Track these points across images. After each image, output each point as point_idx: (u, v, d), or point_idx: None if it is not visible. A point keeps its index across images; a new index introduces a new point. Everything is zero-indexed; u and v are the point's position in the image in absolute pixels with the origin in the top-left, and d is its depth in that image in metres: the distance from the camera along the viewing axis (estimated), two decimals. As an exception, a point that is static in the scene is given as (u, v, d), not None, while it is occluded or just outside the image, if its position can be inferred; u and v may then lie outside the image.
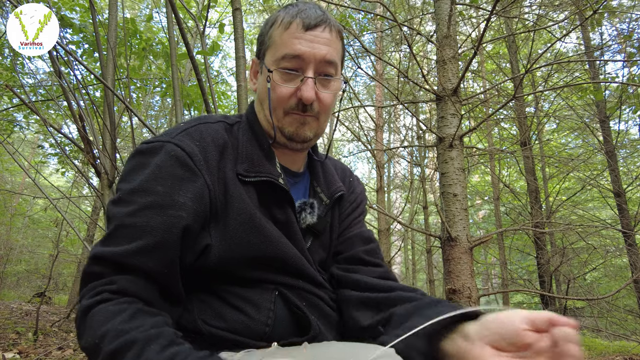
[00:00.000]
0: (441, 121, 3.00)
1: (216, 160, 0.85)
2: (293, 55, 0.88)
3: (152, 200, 0.76)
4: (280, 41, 0.90)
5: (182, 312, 0.82)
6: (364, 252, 1.03)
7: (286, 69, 0.90)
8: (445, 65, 3.07)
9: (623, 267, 7.32)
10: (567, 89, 5.57)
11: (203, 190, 0.80)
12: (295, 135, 0.93)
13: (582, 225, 4.83)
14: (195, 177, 0.80)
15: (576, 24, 4.66)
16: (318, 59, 0.89)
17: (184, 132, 0.86)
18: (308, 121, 0.93)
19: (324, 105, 0.93)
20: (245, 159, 0.89)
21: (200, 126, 0.89)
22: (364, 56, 4.96)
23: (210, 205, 0.82)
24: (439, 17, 3.22)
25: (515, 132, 7.32)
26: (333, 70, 0.93)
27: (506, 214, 7.55)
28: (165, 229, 0.74)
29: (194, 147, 0.83)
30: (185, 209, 0.77)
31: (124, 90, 3.58)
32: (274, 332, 0.83)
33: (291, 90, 0.90)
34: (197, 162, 0.81)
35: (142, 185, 0.77)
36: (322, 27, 0.90)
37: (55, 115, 4.50)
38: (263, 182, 0.88)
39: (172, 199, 0.76)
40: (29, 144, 7.06)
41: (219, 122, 0.94)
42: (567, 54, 6.62)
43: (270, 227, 0.86)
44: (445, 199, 2.87)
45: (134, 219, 0.74)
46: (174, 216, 0.75)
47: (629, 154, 7.70)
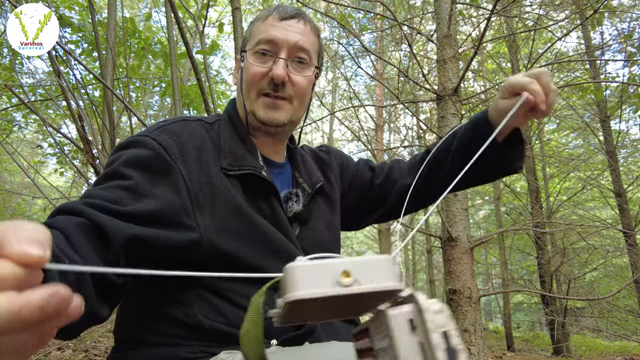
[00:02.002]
0: (442, 121, 2.99)
1: (195, 154, 0.86)
2: (267, 40, 0.94)
3: (126, 184, 0.75)
4: (257, 31, 0.97)
5: (181, 307, 0.80)
6: (385, 173, 1.18)
7: (260, 51, 0.94)
8: (446, 64, 3.06)
9: (624, 267, 7.31)
10: (568, 89, 5.56)
11: (178, 182, 0.80)
12: (268, 120, 0.94)
13: (583, 225, 4.82)
14: (171, 169, 0.80)
15: (576, 23, 4.65)
16: (291, 44, 0.94)
17: (162, 128, 0.88)
18: (280, 105, 0.95)
19: (297, 88, 0.96)
20: (228, 154, 0.90)
21: (179, 123, 0.91)
22: (364, 55, 4.95)
23: (190, 197, 0.81)
24: (439, 16, 3.21)
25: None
26: (306, 57, 0.97)
27: (507, 214, 7.54)
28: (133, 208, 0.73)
29: (171, 141, 0.84)
30: (156, 198, 0.76)
31: (123, 89, 3.57)
32: (272, 327, 0.81)
33: (264, 70, 0.93)
34: (173, 154, 0.82)
35: (117, 170, 0.77)
36: (296, 19, 0.97)
37: (55, 115, 4.50)
38: (247, 175, 0.89)
39: (145, 187, 0.76)
40: (28, 144, 7.05)
41: (197, 121, 0.95)
42: (567, 54, 6.61)
43: (258, 217, 0.87)
44: (446, 199, 2.86)
45: (103, 192, 0.73)
46: (144, 202, 0.74)
47: (629, 153, 7.68)
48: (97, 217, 0.66)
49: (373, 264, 0.33)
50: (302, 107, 1.00)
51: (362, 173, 1.19)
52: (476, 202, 10.56)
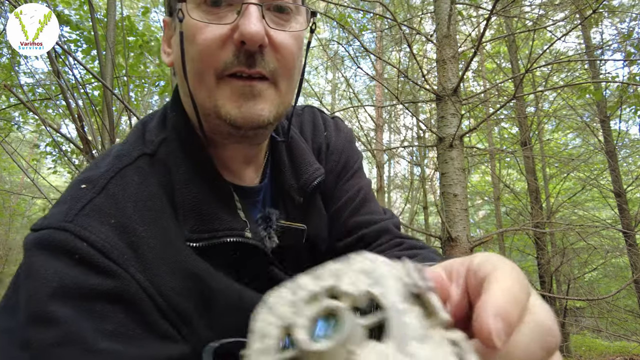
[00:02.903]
0: (441, 121, 2.99)
1: (152, 235, 0.55)
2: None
3: (57, 336, 0.45)
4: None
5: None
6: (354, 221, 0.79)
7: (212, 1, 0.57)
8: (445, 65, 3.05)
9: (623, 267, 7.30)
10: (568, 89, 5.56)
11: (136, 299, 0.51)
12: (243, 119, 0.58)
13: (582, 225, 4.82)
14: (118, 282, 0.50)
15: (576, 23, 4.65)
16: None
17: (89, 205, 0.54)
18: (260, 90, 0.58)
19: (284, 56, 0.59)
20: (189, 212, 0.59)
21: (113, 183, 0.57)
22: (363, 56, 4.95)
23: (159, 312, 0.53)
24: (439, 16, 3.21)
25: (515, 131, 7.31)
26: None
27: (506, 214, 7.54)
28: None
29: (108, 233, 0.52)
30: (108, 341, 0.48)
31: (122, 88, 3.57)
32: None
33: (224, 32, 0.56)
34: (117, 257, 0.51)
35: (39, 310, 0.46)
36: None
37: (54, 114, 4.49)
38: (223, 244, 0.59)
39: (83, 335, 0.46)
40: (28, 144, 7.03)
41: (138, 160, 0.61)
42: (567, 54, 6.61)
43: (250, 293, 0.62)
44: (446, 199, 2.86)
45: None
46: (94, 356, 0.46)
47: (629, 154, 7.68)
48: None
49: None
50: (291, 87, 0.64)
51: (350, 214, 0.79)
52: (476, 202, 10.56)
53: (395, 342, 0.24)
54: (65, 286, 0.47)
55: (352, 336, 0.25)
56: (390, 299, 0.27)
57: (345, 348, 0.24)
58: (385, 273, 0.28)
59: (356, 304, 0.28)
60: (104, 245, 0.51)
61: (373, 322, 0.26)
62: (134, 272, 0.51)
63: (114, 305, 0.49)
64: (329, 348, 0.24)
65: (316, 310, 0.27)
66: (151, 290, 0.52)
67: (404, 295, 0.27)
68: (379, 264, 0.29)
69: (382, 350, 0.24)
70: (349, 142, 0.85)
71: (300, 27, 0.61)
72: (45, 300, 0.46)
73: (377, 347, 0.24)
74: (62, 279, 0.48)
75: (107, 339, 0.47)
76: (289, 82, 0.62)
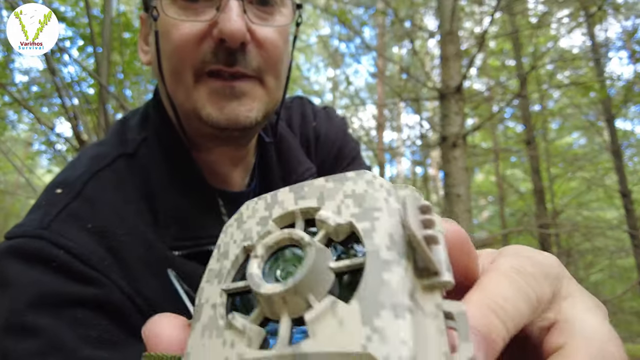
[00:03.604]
0: (444, 120, 2.93)
1: (132, 239, 0.52)
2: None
3: (38, 345, 0.43)
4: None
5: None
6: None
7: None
8: (449, 62, 3.00)
9: (629, 268, 7.22)
10: (573, 87, 5.49)
11: (119, 305, 0.48)
12: (225, 121, 0.53)
13: (588, 226, 4.75)
14: (100, 289, 0.47)
15: (580, 20, 4.58)
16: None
17: (65, 211, 0.50)
18: (243, 90, 0.53)
19: (268, 51, 0.55)
20: (170, 218, 0.55)
21: (90, 186, 0.53)
22: (365, 53, 4.88)
23: (144, 317, 0.44)
24: (442, 13, 3.15)
25: (519, 130, 7.24)
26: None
27: (512, 215, 7.47)
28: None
29: (86, 239, 0.49)
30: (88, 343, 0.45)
31: (118, 86, 3.52)
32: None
33: (202, 28, 0.52)
34: (97, 264, 0.48)
35: (16, 321, 0.44)
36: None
37: (50, 113, 4.46)
38: (208, 252, 0.55)
39: (65, 343, 0.44)
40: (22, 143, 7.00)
41: (116, 161, 0.57)
42: (571, 52, 6.54)
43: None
44: (449, 199, 2.80)
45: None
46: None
47: (634, 153, 7.60)
48: None
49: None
50: (279, 83, 0.59)
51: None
52: (480, 203, 10.49)
53: (362, 307, 0.17)
54: (43, 295, 0.45)
55: (312, 282, 0.18)
56: (375, 242, 0.19)
57: (302, 296, 0.17)
58: (380, 204, 0.20)
59: (335, 237, 0.20)
60: (82, 252, 0.48)
61: (344, 268, 0.19)
62: (115, 278, 0.49)
63: (96, 312, 0.47)
64: (276, 294, 0.18)
65: (277, 238, 0.20)
66: (134, 295, 0.49)
67: (398, 239, 0.19)
68: (375, 189, 0.21)
69: (340, 315, 0.17)
70: (342, 131, 0.79)
71: (285, 21, 0.57)
72: (23, 309, 0.44)
73: (338, 308, 0.17)
74: (39, 288, 0.45)
75: (91, 346, 0.45)
76: (276, 79, 0.57)
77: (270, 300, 0.18)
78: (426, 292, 0.18)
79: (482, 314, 0.20)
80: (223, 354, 0.18)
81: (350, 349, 0.16)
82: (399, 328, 0.16)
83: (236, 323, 0.19)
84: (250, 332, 0.18)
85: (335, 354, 0.16)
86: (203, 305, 0.21)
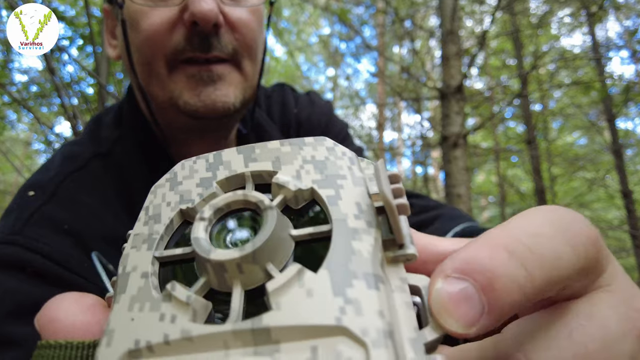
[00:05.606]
0: (445, 119, 2.92)
1: (110, 239, 0.51)
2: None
3: (19, 356, 0.41)
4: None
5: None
6: None
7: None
8: (449, 62, 2.98)
9: (630, 268, 7.21)
10: (573, 87, 5.47)
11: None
12: (204, 107, 0.50)
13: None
14: (79, 291, 0.39)
15: (580, 20, 4.56)
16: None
17: (38, 213, 0.48)
18: (221, 74, 0.51)
19: (243, 33, 0.52)
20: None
21: (65, 187, 0.51)
22: (365, 52, 4.87)
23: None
24: (443, 12, 3.13)
25: (520, 130, 7.23)
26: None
27: (513, 215, 7.46)
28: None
29: (63, 242, 0.47)
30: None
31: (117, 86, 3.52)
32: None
33: (172, 14, 0.49)
34: (75, 266, 0.46)
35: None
36: None
37: (49, 112, 4.45)
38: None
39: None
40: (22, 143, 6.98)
41: (91, 162, 0.55)
42: (572, 52, 6.52)
43: None
44: (450, 199, 2.79)
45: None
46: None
47: (636, 152, 7.58)
48: None
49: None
50: (256, 67, 0.56)
51: None
52: (480, 203, 10.48)
53: (332, 276, 0.15)
54: (20, 304, 0.43)
55: (272, 249, 0.16)
56: (341, 209, 0.17)
57: (260, 264, 0.16)
58: (343, 171, 0.19)
59: (294, 204, 0.19)
60: (59, 256, 0.46)
61: (307, 236, 0.17)
62: (95, 280, 0.46)
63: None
64: (230, 260, 0.16)
65: (228, 200, 0.18)
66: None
67: (365, 208, 0.18)
68: (337, 157, 0.20)
69: (308, 285, 0.15)
70: (325, 115, 0.76)
71: (258, 1, 0.54)
72: (1, 320, 0.42)
73: (306, 278, 0.15)
74: (15, 297, 0.43)
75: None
76: (252, 62, 0.55)
77: (222, 269, 0.16)
78: (391, 265, 0.17)
79: (489, 255, 0.15)
80: (161, 329, 0.15)
81: (322, 321, 0.14)
82: (374, 299, 0.14)
83: (177, 294, 0.16)
84: (196, 305, 0.16)
85: (305, 328, 0.14)
86: (130, 275, 0.18)
